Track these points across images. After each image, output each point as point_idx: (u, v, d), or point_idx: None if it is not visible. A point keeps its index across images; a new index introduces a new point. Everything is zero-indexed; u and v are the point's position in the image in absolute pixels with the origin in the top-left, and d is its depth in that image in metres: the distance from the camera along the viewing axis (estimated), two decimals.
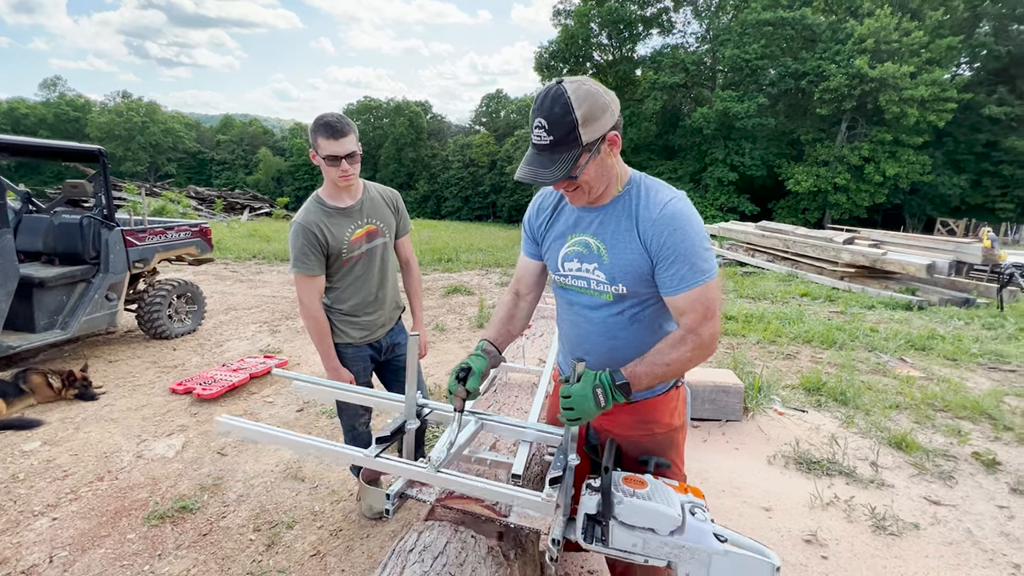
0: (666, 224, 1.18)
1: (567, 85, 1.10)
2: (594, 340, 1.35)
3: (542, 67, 34.03)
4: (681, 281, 1.18)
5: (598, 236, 1.27)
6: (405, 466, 1.32)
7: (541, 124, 1.11)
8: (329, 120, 1.87)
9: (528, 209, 1.46)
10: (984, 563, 2.21)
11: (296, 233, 1.94)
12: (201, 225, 5.41)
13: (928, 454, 3.07)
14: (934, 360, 4.94)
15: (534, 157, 1.15)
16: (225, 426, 1.41)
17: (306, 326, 2.09)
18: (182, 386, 3.72)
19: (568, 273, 1.34)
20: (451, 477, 1.25)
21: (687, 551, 1.07)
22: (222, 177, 64.28)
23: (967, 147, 30.43)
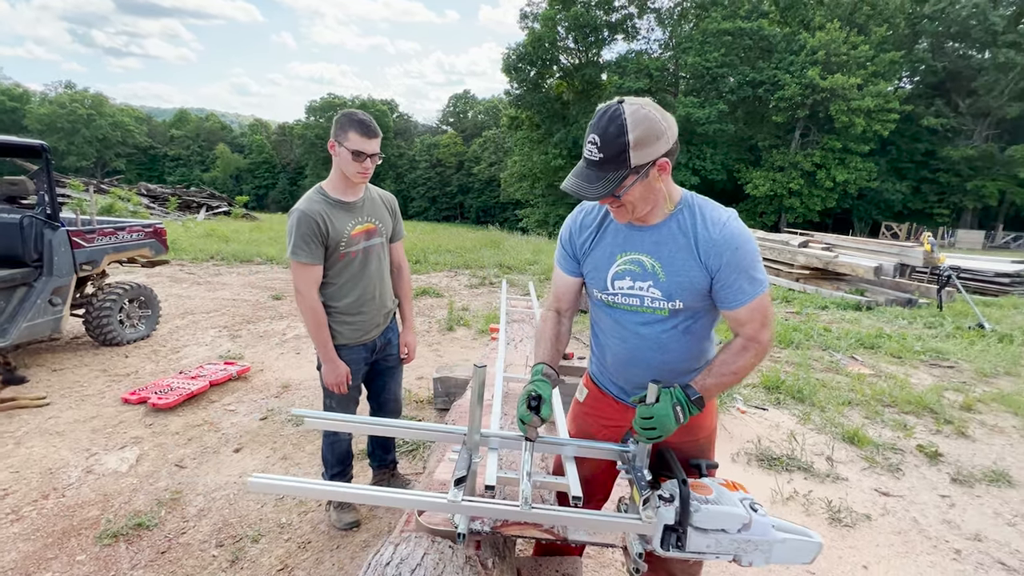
0: (727, 243, 1.22)
1: (626, 107, 1.12)
2: (646, 354, 1.36)
3: (510, 69, 34.11)
4: (742, 294, 1.23)
5: (653, 255, 1.28)
6: (499, 507, 1.22)
7: (594, 140, 1.14)
8: (364, 119, 1.92)
9: (567, 225, 1.43)
10: (929, 549, 2.36)
11: (298, 221, 1.93)
12: (155, 225, 5.16)
13: (878, 448, 3.25)
14: (882, 358, 5.23)
15: (583, 171, 1.18)
16: (258, 486, 1.20)
17: (303, 317, 2.06)
18: (135, 395, 3.53)
19: (619, 292, 1.34)
20: (545, 512, 1.21)
21: (752, 544, 1.16)
22: (176, 174, 61.48)
23: (908, 155, 32.40)
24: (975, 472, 3.00)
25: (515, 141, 39.02)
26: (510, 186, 38.50)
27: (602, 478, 1.57)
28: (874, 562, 2.26)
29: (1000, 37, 28.55)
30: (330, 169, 2.07)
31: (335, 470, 2.37)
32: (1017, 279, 9.45)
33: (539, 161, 34.74)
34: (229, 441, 3.11)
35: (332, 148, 1.96)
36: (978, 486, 2.89)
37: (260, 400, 3.71)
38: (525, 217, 37.64)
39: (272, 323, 5.75)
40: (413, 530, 1.33)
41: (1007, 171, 29.78)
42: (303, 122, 59.56)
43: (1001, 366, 4.98)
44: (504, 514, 1.22)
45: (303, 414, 1.40)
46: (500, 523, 1.28)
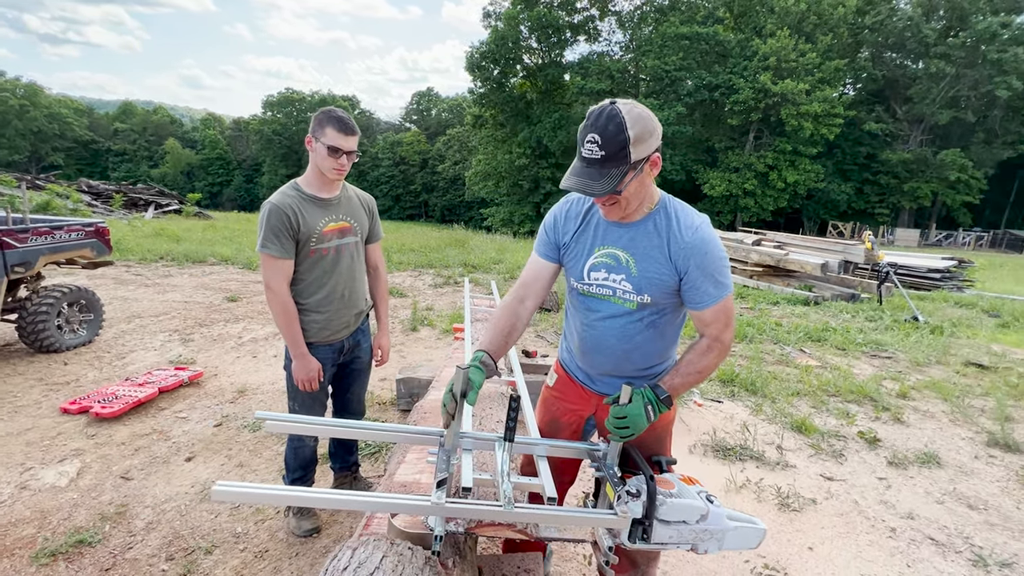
0: (697, 248, 1.29)
1: (621, 106, 1.18)
2: (611, 344, 1.44)
3: (473, 67, 33.98)
4: (708, 297, 1.31)
5: (628, 250, 1.35)
6: (482, 508, 1.22)
7: (594, 139, 1.18)
8: (342, 116, 1.93)
9: (550, 216, 1.49)
10: (868, 529, 2.52)
11: (269, 213, 1.91)
12: (97, 224, 4.87)
13: (823, 435, 3.44)
14: (828, 350, 5.53)
15: (583, 170, 1.22)
16: (224, 495, 1.14)
17: (272, 312, 2.02)
18: (76, 405, 3.33)
19: (593, 282, 1.41)
20: (527, 511, 1.22)
21: (709, 532, 1.25)
22: (121, 170, 58.20)
23: (852, 158, 34.27)
24: (909, 455, 3.22)
25: (479, 140, 38.94)
26: (475, 185, 38.38)
27: (570, 460, 1.62)
28: (819, 543, 2.40)
29: (932, 49, 30.58)
30: (289, 165, 2.05)
31: (296, 475, 2.31)
32: (947, 275, 10.16)
33: (503, 160, 34.79)
34: (180, 450, 2.98)
35: (309, 143, 1.97)
36: (911, 468, 3.11)
37: (214, 406, 3.57)
38: (490, 216, 37.61)
39: (227, 326, 5.54)
40: (372, 534, 1.32)
41: (939, 174, 31.96)
42: (260, 117, 57.42)
43: (933, 355, 5.36)
44: (487, 515, 1.23)
45: (265, 416, 1.33)
46: (475, 523, 1.28)
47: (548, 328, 5.86)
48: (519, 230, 31.40)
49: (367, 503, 1.24)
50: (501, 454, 1.33)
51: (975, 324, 7.08)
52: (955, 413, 3.91)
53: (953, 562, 2.30)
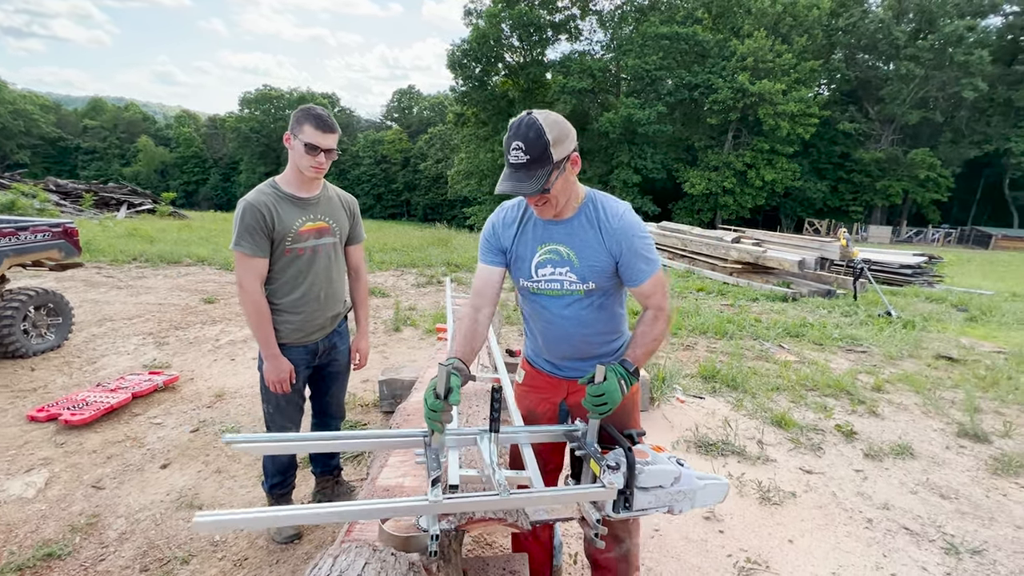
0: (625, 232, 1.46)
1: (537, 115, 1.31)
2: (569, 331, 1.57)
3: (455, 65, 33.82)
4: (642, 273, 1.48)
5: (567, 244, 1.49)
6: (480, 499, 1.23)
7: (519, 146, 1.30)
8: (321, 113, 1.91)
9: (488, 225, 1.59)
10: (845, 520, 2.57)
11: (243, 211, 1.89)
12: (65, 225, 4.70)
13: (802, 430, 3.51)
14: (805, 345, 5.65)
15: (513, 174, 1.33)
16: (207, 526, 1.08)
17: (244, 311, 1.98)
18: (44, 412, 3.21)
19: (541, 279, 1.53)
20: (524, 496, 1.28)
21: (683, 493, 1.36)
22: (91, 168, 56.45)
23: (827, 157, 35.09)
24: (884, 447, 3.30)
25: (461, 138, 38.78)
26: (457, 183, 38.22)
27: (554, 446, 1.71)
28: (799, 536, 2.44)
29: (902, 50, 31.47)
30: (267, 163, 2.02)
31: (275, 480, 2.26)
32: (918, 270, 10.47)
33: (486, 159, 34.72)
34: (155, 457, 2.89)
35: (287, 141, 1.94)
36: (886, 460, 3.19)
37: (190, 411, 3.48)
38: (473, 215, 37.50)
39: (204, 328, 5.41)
40: (355, 540, 1.30)
41: (909, 172, 32.93)
42: (236, 114, 56.22)
43: (905, 349, 5.51)
44: (484, 505, 1.24)
45: (235, 439, 1.26)
46: (467, 519, 1.28)
47: None
48: None
49: (359, 512, 1.20)
50: (488, 446, 1.36)
51: (945, 318, 7.31)
52: (927, 405, 4.03)
53: (927, 551, 2.36)
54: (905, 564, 2.27)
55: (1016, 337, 6.38)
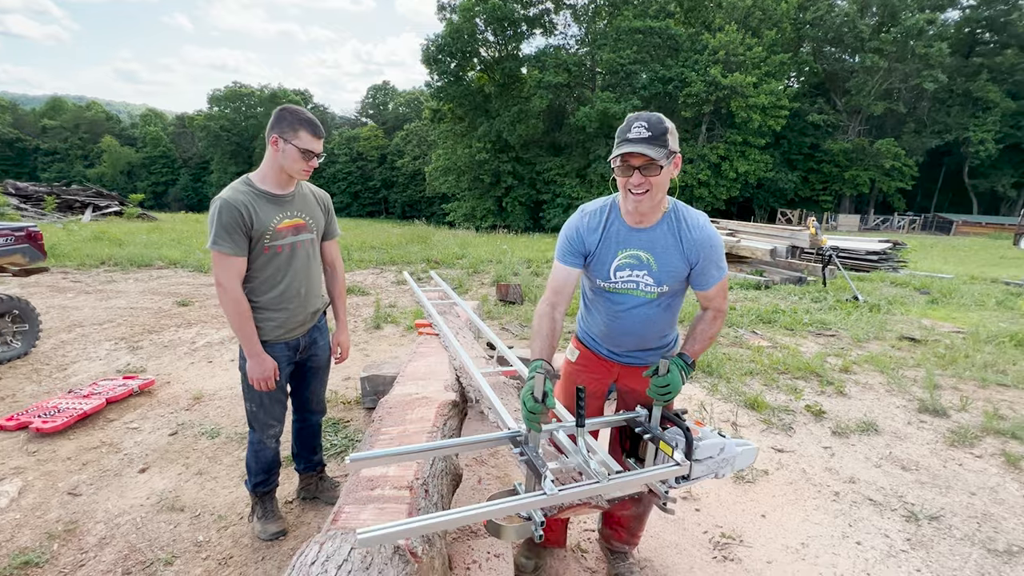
0: (704, 243, 1.60)
1: (655, 113, 1.48)
2: (636, 327, 1.73)
3: (430, 60, 33.50)
4: (713, 279, 1.63)
5: (648, 250, 1.62)
6: (587, 487, 1.34)
7: (642, 124, 1.44)
8: (314, 119, 1.95)
9: (572, 229, 1.68)
10: (814, 495, 2.70)
11: (220, 210, 1.85)
12: (28, 228, 4.55)
13: (774, 411, 3.64)
14: (777, 331, 5.83)
15: (633, 145, 1.43)
16: (371, 540, 1.08)
17: (225, 311, 1.96)
18: (14, 420, 3.13)
19: (619, 280, 1.66)
20: (617, 480, 1.39)
21: (726, 460, 1.51)
22: (52, 170, 54.35)
23: (797, 148, 35.94)
24: (850, 425, 3.45)
25: (438, 134, 38.50)
26: (435, 180, 37.96)
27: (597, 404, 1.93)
28: (771, 511, 2.55)
29: (867, 43, 32.40)
30: (239, 162, 2.02)
31: (259, 478, 2.26)
32: (883, 256, 10.86)
33: (464, 154, 34.55)
34: (133, 461, 2.86)
35: (275, 143, 1.92)
36: (853, 436, 3.34)
37: (168, 415, 3.44)
38: (452, 211, 37.34)
39: (179, 331, 5.31)
40: (341, 528, 1.33)
41: (875, 162, 34.00)
42: (205, 112, 54.72)
43: (871, 332, 5.74)
44: (591, 491, 1.35)
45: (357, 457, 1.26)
46: (556, 510, 1.37)
47: (512, 320, 5.91)
48: (481, 224, 31.37)
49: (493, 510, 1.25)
50: (580, 440, 1.48)
51: (908, 301, 7.62)
52: (891, 384, 4.22)
53: (889, 519, 2.50)
54: (869, 532, 2.40)
55: (973, 317, 6.70)
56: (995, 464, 3.02)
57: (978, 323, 6.32)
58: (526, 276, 8.45)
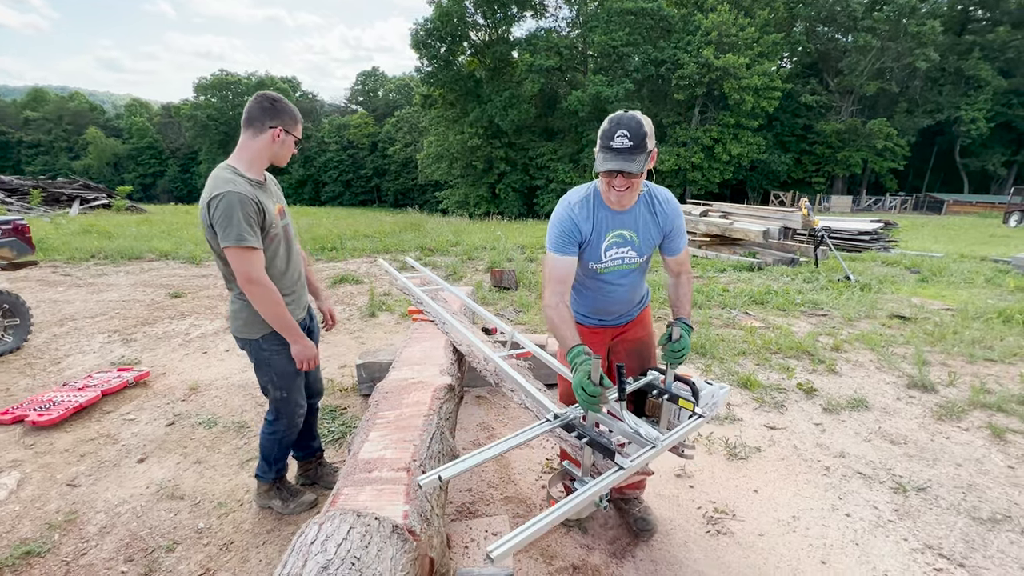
0: (674, 214, 1.88)
1: (634, 112, 1.62)
2: (623, 295, 2.00)
3: (419, 45, 32.99)
4: (682, 244, 1.93)
5: (631, 228, 1.84)
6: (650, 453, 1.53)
7: (624, 134, 1.57)
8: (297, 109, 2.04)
9: (567, 221, 1.80)
10: (805, 470, 2.75)
11: (239, 204, 1.82)
12: (15, 222, 4.50)
13: (766, 389, 3.69)
14: (770, 311, 5.88)
15: (616, 156, 1.59)
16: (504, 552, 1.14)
17: (263, 305, 1.93)
18: (9, 415, 3.13)
19: (609, 259, 1.87)
20: (668, 440, 1.59)
21: (714, 401, 1.76)
22: (37, 163, 53.45)
23: (790, 129, 35.84)
24: (841, 401, 3.51)
25: (429, 120, 38.09)
26: (427, 167, 37.65)
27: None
28: (763, 486, 2.60)
29: (859, 22, 32.16)
30: (228, 152, 2.04)
31: (281, 464, 2.32)
32: (875, 236, 10.93)
33: (455, 141, 34.24)
34: (131, 452, 2.87)
35: (277, 135, 1.95)
36: (843, 412, 3.40)
37: (164, 406, 3.44)
38: (445, 199, 37.12)
39: (172, 323, 5.29)
40: (340, 509, 1.34)
41: (868, 142, 34.00)
42: (192, 101, 53.76)
43: (862, 311, 5.80)
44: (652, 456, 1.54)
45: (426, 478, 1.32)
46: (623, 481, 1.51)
47: (507, 306, 5.93)
48: (475, 211, 31.21)
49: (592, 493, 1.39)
50: (624, 412, 1.64)
51: (899, 280, 7.69)
52: (881, 361, 4.28)
53: (878, 491, 2.56)
54: (858, 504, 2.46)
55: (963, 295, 6.78)
56: (981, 436, 3.09)
57: (967, 300, 6.40)
58: (520, 262, 8.45)
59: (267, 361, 2.08)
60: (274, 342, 2.06)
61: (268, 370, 2.10)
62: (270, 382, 2.13)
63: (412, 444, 1.71)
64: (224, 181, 1.84)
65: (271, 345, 2.06)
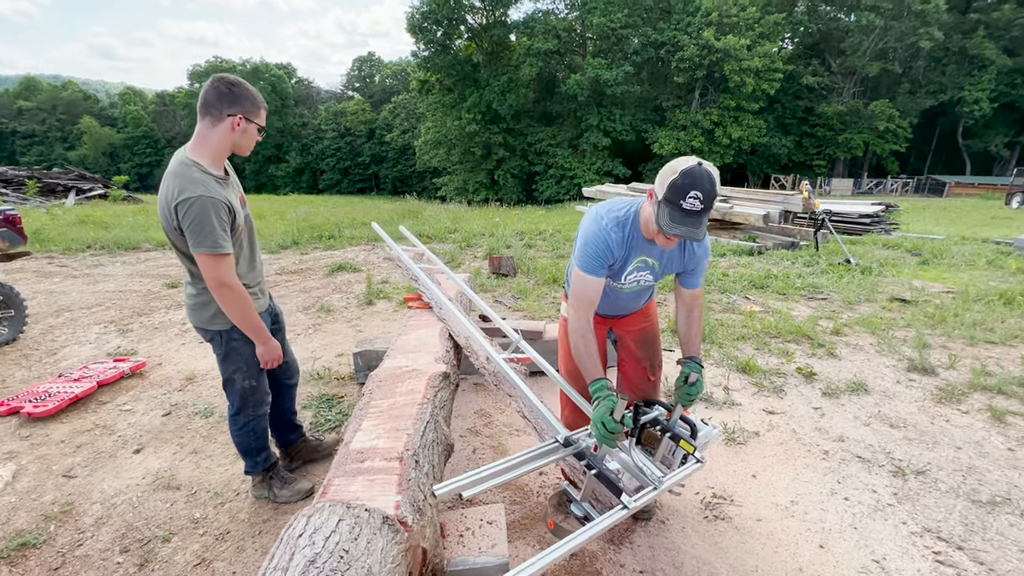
0: (703, 255, 1.90)
1: (707, 166, 1.55)
2: (627, 304, 2.09)
3: (415, 29, 32.46)
4: (700, 280, 1.95)
5: (656, 258, 1.85)
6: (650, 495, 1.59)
7: (697, 196, 1.52)
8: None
9: (605, 243, 1.78)
10: (804, 454, 2.74)
11: (213, 208, 1.75)
12: (6, 212, 4.44)
13: (765, 374, 3.67)
14: (769, 296, 5.85)
15: (686, 219, 1.55)
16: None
17: (234, 310, 1.93)
18: (5, 406, 3.11)
19: (627, 282, 1.92)
20: (668, 480, 1.66)
21: (708, 439, 1.82)
22: (32, 153, 53.05)
23: (791, 112, 35.44)
24: (840, 385, 3.49)
25: (427, 106, 37.66)
26: (425, 154, 37.33)
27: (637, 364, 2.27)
28: (761, 471, 2.59)
29: (863, 1, 31.57)
30: None
31: (262, 454, 2.30)
32: (876, 219, 10.85)
33: (453, 127, 33.88)
34: (127, 443, 2.85)
35: (237, 123, 1.82)
36: (843, 396, 3.38)
37: (161, 396, 3.42)
38: (443, 185, 36.87)
39: (169, 313, 5.26)
40: (329, 501, 1.32)
41: (869, 124, 33.63)
42: (187, 89, 53.15)
43: (862, 294, 5.76)
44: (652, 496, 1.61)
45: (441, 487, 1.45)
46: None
47: (506, 293, 5.89)
48: (473, 198, 31.01)
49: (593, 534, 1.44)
50: (634, 452, 1.74)
51: (899, 263, 7.64)
52: (881, 344, 4.26)
53: (877, 475, 2.55)
54: (857, 488, 2.45)
55: (964, 277, 6.74)
56: (981, 419, 3.08)
57: (968, 283, 6.36)
58: (519, 248, 8.39)
59: (237, 351, 2.05)
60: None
61: (238, 359, 2.06)
62: (238, 371, 2.08)
63: (405, 433, 1.68)
64: (192, 182, 1.74)
65: (241, 335, 2.02)
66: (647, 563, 2.01)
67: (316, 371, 3.70)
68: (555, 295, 5.75)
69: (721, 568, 1.98)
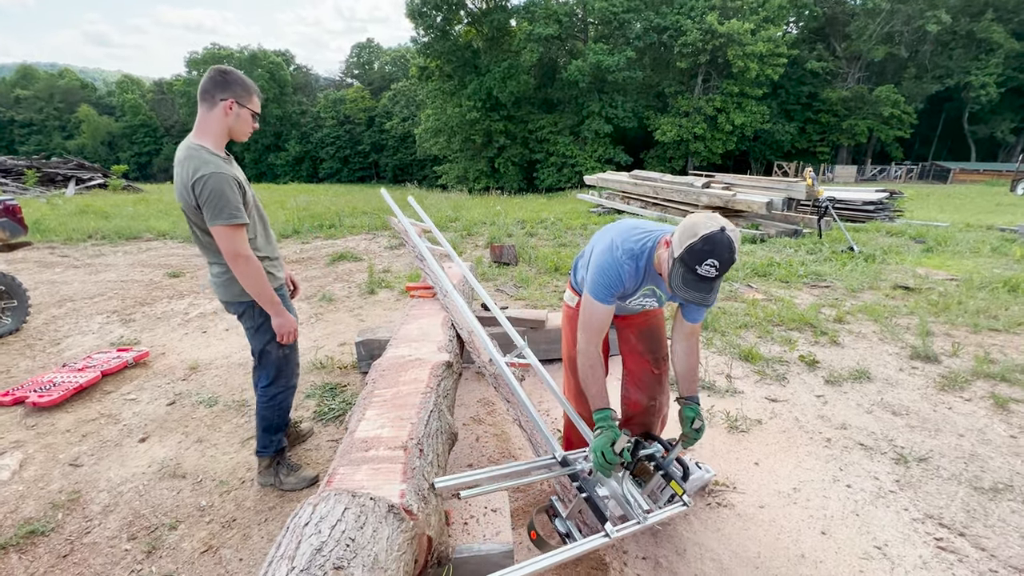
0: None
1: (729, 232, 1.49)
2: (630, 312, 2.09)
3: (414, 14, 32.03)
4: (701, 316, 1.93)
5: (663, 291, 1.88)
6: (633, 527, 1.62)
7: (713, 264, 1.48)
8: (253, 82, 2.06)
9: (615, 277, 1.78)
10: (806, 441, 2.75)
11: (227, 184, 1.88)
12: (6, 202, 4.43)
13: (768, 362, 3.67)
14: (772, 283, 5.83)
15: (699, 284, 1.53)
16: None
17: (249, 282, 1.99)
18: (10, 396, 3.13)
19: (633, 304, 1.96)
20: (654, 519, 1.69)
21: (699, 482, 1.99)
22: (31, 143, 52.78)
23: (795, 98, 35.04)
24: (843, 373, 3.49)
25: (427, 93, 37.30)
26: (425, 142, 37.07)
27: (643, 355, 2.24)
28: (763, 458, 2.60)
29: None
30: None
31: (281, 434, 2.35)
32: (880, 206, 10.77)
33: (454, 114, 33.59)
34: (133, 431, 2.87)
35: (230, 108, 1.93)
36: (845, 384, 3.38)
37: (165, 385, 3.44)
38: (444, 173, 36.66)
39: (171, 303, 5.26)
40: (335, 490, 1.33)
41: (874, 110, 33.25)
42: (184, 77, 52.64)
43: (866, 282, 5.74)
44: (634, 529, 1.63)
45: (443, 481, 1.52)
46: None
47: (507, 281, 5.88)
48: (474, 187, 30.86)
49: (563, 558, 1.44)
50: (624, 483, 1.78)
51: (903, 250, 7.60)
52: (884, 332, 4.25)
53: (879, 462, 2.55)
54: (859, 475, 2.46)
55: (967, 265, 6.71)
56: (984, 407, 3.08)
57: (972, 270, 6.33)
58: (520, 237, 8.36)
59: (258, 330, 2.13)
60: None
61: (265, 340, 2.15)
62: (271, 342, 2.17)
63: (409, 422, 1.69)
64: (204, 162, 1.87)
65: (256, 318, 2.12)
66: (649, 549, 2.02)
67: (319, 360, 3.71)
68: (556, 283, 5.73)
69: (724, 554, 1.99)
